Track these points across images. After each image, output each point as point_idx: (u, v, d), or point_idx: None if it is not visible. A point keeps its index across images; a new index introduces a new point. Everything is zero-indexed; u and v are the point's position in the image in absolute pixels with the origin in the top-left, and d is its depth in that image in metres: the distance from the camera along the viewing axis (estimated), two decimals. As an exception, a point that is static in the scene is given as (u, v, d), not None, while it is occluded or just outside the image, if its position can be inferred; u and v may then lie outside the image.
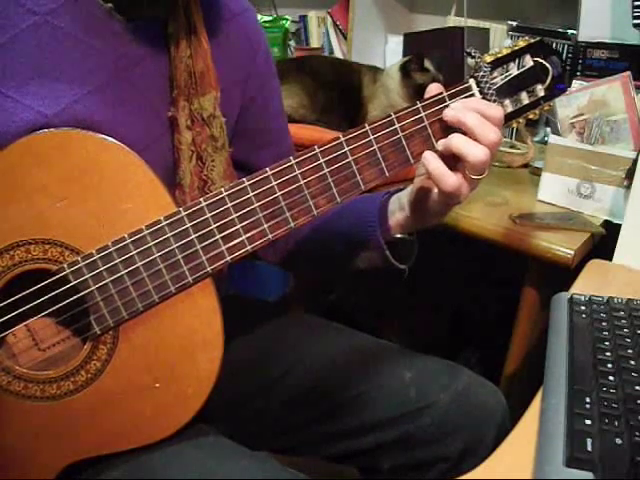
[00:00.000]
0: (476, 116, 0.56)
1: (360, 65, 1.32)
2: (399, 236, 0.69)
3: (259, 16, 1.77)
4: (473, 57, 0.58)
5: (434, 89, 0.59)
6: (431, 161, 0.57)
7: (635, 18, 1.14)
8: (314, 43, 1.92)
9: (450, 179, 0.56)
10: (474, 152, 0.55)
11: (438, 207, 0.62)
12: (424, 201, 0.63)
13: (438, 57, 1.24)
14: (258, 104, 0.74)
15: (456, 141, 0.56)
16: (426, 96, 0.58)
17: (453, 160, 0.57)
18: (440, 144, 0.57)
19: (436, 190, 0.60)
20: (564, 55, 1.29)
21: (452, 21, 1.57)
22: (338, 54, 1.84)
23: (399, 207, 0.68)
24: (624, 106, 0.99)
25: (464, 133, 0.56)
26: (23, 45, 0.55)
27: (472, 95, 0.58)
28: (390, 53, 1.70)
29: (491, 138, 0.55)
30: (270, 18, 1.86)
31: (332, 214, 0.70)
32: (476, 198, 1.00)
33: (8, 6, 0.55)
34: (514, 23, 1.41)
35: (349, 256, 0.74)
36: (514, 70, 0.59)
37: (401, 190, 0.69)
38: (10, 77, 0.55)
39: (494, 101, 0.58)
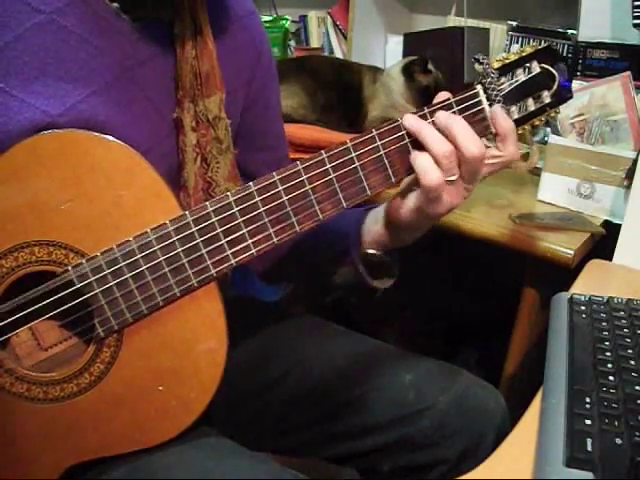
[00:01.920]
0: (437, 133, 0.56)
1: (360, 65, 1.32)
2: (372, 252, 0.68)
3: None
4: (481, 63, 0.58)
5: (442, 96, 0.58)
6: (418, 155, 0.56)
7: (635, 18, 1.14)
8: (314, 43, 1.91)
9: (434, 173, 0.55)
10: (470, 144, 0.55)
11: (415, 216, 0.60)
12: (400, 209, 0.61)
13: (435, 56, 1.24)
14: (259, 107, 0.75)
15: (458, 128, 0.55)
16: (435, 102, 0.58)
17: None
18: (440, 120, 0.56)
19: (414, 195, 0.59)
20: (564, 55, 1.29)
21: (452, 21, 1.57)
22: (338, 54, 1.83)
23: (374, 221, 0.67)
24: (624, 106, 0.99)
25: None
26: (28, 44, 0.55)
27: (480, 102, 0.58)
28: (390, 53, 1.70)
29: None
30: (270, 18, 1.86)
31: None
32: (475, 198, 1.00)
33: (14, 4, 0.54)
34: (514, 23, 1.41)
35: (327, 271, 0.74)
36: (521, 76, 0.59)
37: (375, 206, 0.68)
38: (15, 76, 0.55)
39: (501, 108, 0.58)
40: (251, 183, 0.55)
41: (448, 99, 0.57)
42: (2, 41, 0.54)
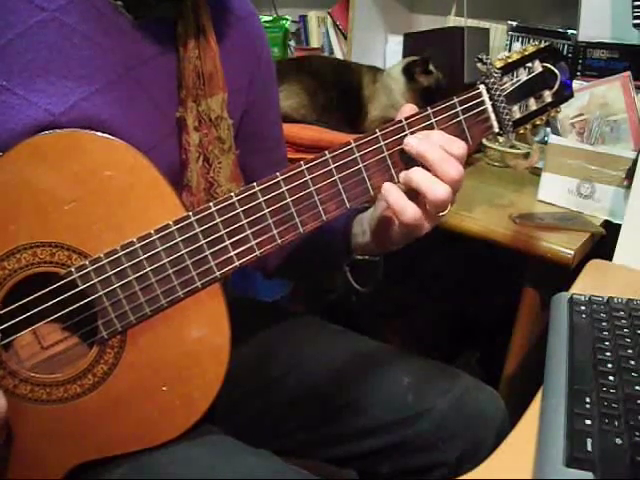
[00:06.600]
0: (439, 151, 0.54)
1: (360, 65, 1.32)
2: (360, 257, 0.69)
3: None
4: (484, 63, 0.58)
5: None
6: (391, 192, 0.55)
7: (635, 18, 1.14)
8: (314, 43, 1.91)
9: (410, 211, 0.54)
10: (435, 190, 0.53)
11: (400, 236, 0.61)
12: (386, 230, 0.62)
13: (435, 56, 1.25)
14: (258, 109, 0.75)
15: (417, 177, 0.54)
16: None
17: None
18: (401, 177, 0.56)
19: (397, 221, 0.59)
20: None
21: (452, 21, 1.57)
22: (338, 54, 1.84)
23: (361, 231, 0.67)
24: (624, 106, 0.99)
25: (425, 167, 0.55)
26: (31, 42, 0.54)
27: (483, 102, 0.57)
28: (390, 53, 1.70)
29: (452, 175, 0.53)
30: (270, 18, 1.86)
31: None
32: (476, 198, 1.01)
33: (16, 2, 0.54)
34: (514, 23, 1.42)
35: (316, 272, 0.75)
36: (523, 76, 0.59)
37: (365, 209, 0.68)
38: (17, 74, 0.54)
39: (503, 108, 0.58)
40: (255, 183, 0.55)
41: (452, 99, 0.57)
42: (5, 39, 0.54)
